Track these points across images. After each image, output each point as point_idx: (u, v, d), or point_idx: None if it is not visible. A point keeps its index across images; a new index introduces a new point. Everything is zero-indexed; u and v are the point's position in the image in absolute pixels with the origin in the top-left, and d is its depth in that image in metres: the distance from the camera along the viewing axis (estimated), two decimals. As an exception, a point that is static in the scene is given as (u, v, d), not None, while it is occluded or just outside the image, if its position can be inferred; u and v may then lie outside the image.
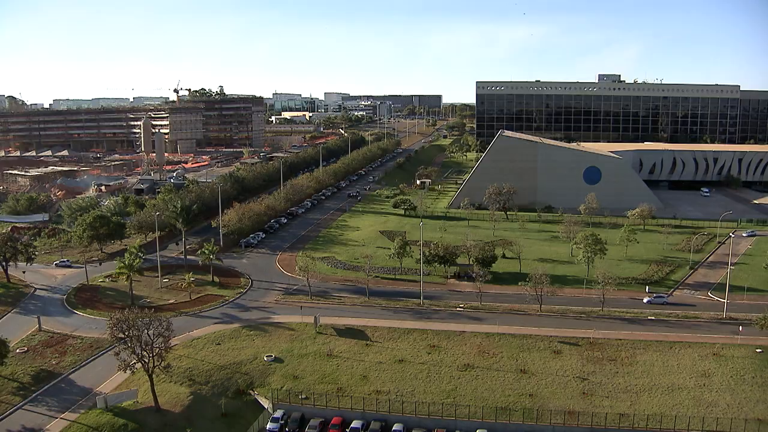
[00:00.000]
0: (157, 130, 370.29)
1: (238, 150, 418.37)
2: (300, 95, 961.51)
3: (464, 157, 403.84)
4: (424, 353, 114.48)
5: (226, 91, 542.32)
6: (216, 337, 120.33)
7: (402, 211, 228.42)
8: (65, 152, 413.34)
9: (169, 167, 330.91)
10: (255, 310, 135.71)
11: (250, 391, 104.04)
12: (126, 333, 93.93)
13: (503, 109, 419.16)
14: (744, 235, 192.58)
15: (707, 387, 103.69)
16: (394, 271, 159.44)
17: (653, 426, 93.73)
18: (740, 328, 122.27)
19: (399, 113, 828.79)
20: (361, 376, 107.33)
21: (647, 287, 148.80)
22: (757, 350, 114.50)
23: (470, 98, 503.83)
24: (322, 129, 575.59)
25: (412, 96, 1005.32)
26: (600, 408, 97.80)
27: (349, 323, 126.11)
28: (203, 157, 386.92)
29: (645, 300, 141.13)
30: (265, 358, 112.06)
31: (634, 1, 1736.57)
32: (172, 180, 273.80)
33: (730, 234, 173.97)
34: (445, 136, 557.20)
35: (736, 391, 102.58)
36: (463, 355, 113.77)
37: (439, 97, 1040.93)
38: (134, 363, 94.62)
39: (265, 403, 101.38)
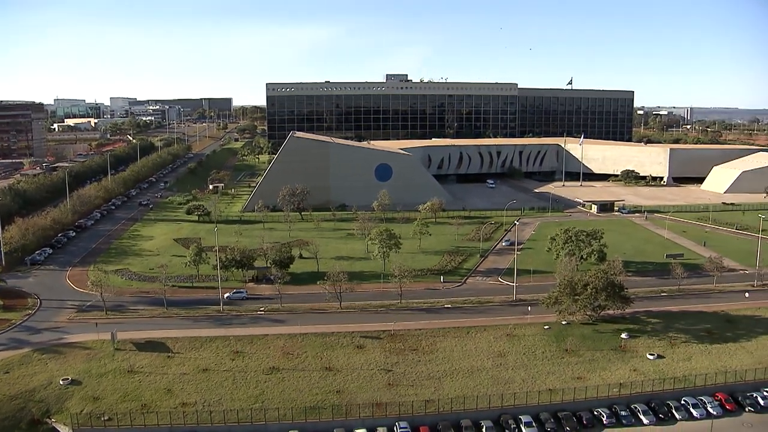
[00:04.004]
0: None
1: (17, 161, 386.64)
2: (84, 101, 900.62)
3: (257, 160, 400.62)
4: (228, 360, 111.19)
5: (1, 98, 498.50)
6: (3, 365, 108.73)
7: (196, 217, 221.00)
8: None
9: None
10: (46, 331, 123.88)
11: (47, 420, 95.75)
12: None
13: (294, 110, 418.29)
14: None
15: (503, 366, 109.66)
16: (192, 278, 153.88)
17: (457, 408, 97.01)
18: (529, 308, 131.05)
19: (189, 117, 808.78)
20: (165, 390, 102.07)
21: (442, 277, 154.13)
22: (545, 327, 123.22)
23: (261, 100, 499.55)
24: (108, 136, 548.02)
25: (202, 99, 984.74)
26: (406, 397, 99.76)
27: (149, 336, 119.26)
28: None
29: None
30: (61, 382, 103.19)
31: (418, 5, 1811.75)
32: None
33: (515, 222, 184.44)
34: (236, 139, 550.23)
35: (529, 366, 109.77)
36: (267, 358, 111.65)
37: (229, 100, 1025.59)
38: None
39: (65, 430, 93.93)
